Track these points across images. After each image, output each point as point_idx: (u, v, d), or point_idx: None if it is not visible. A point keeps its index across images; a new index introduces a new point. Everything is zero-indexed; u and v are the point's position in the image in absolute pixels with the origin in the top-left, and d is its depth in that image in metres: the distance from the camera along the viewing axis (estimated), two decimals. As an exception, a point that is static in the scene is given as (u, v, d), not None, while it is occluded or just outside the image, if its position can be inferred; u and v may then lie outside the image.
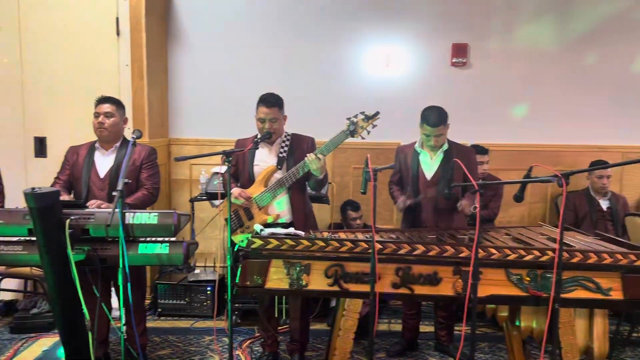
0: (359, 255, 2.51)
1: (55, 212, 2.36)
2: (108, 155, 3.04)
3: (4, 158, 3.13)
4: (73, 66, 3.83)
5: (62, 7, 3.80)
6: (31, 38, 3.81)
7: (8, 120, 3.82)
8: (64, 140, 3.62)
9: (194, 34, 4.36)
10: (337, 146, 2.93)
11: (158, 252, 2.59)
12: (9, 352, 3.29)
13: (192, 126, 4.45)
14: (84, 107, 3.65)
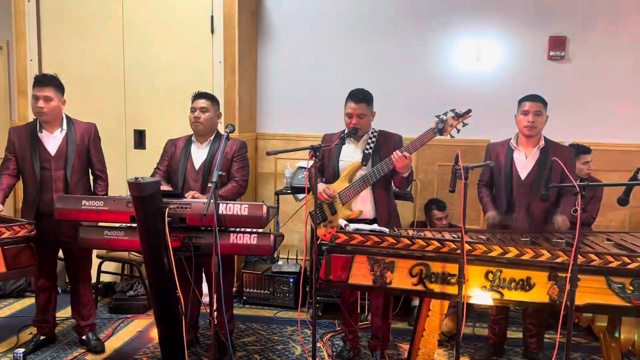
0: (446, 255, 2.45)
1: (155, 201, 2.51)
2: (203, 148, 3.18)
3: (108, 149, 3.36)
4: (170, 63, 4.04)
5: (162, 7, 4.01)
6: (133, 37, 4.07)
7: (111, 114, 4.10)
8: (162, 132, 3.85)
9: (282, 30, 4.45)
10: (424, 144, 2.88)
11: (247, 243, 2.68)
12: (107, 330, 3.55)
13: (279, 121, 4.56)
14: (180, 102, 3.85)
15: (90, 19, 4.08)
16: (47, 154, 3.07)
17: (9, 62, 4.59)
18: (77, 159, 3.13)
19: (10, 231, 2.67)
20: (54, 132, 3.10)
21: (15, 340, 3.34)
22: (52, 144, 3.08)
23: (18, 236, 2.71)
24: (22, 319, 3.60)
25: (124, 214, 2.66)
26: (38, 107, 3.00)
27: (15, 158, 3.09)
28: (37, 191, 3.06)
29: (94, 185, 3.28)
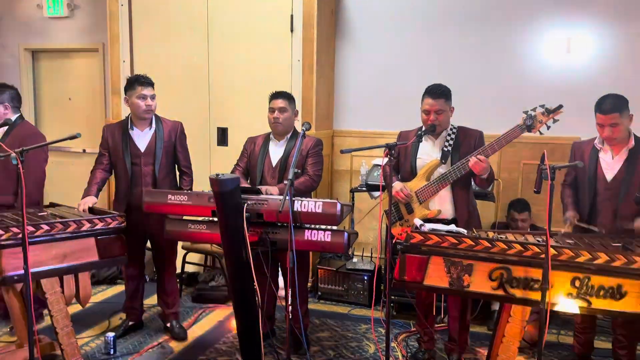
0: (529, 259, 2.34)
1: (235, 197, 2.60)
2: (280, 146, 3.25)
3: (193, 146, 3.51)
4: (251, 62, 4.15)
5: (244, 9, 4.13)
6: (217, 38, 4.22)
7: (196, 112, 4.28)
8: (243, 130, 3.97)
9: (360, 27, 4.43)
10: (510, 141, 2.75)
11: (321, 240, 2.70)
12: (190, 318, 3.73)
13: (356, 118, 4.55)
14: (260, 100, 3.94)
15: (177, 22, 4.29)
16: (137, 151, 3.26)
17: (105, 63, 4.93)
18: (165, 156, 3.31)
19: (103, 222, 2.87)
20: (144, 129, 3.29)
21: (107, 324, 3.59)
22: (142, 141, 3.28)
23: (110, 227, 2.90)
24: (113, 304, 3.86)
25: (206, 208, 2.77)
26: (147, 105, 3.20)
27: (109, 154, 3.31)
28: (127, 185, 3.27)
29: (179, 180, 3.44)
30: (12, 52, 5.26)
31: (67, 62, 5.23)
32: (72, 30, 5.06)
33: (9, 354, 2.86)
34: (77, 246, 2.77)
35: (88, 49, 5.05)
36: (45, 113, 5.35)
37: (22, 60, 5.23)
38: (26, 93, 5.14)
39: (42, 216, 2.88)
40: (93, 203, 3.11)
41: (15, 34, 5.24)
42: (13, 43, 5.24)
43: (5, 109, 3.35)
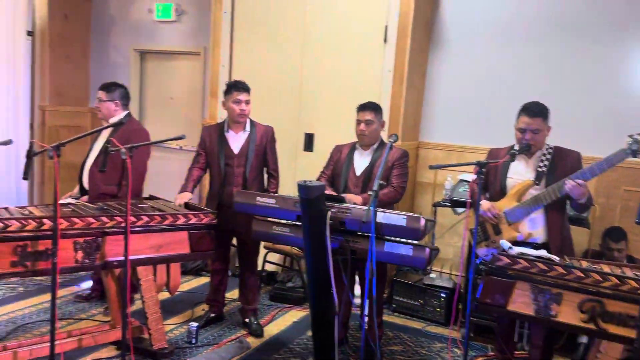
0: (626, 294, 2.19)
1: (320, 204, 2.66)
2: (365, 156, 3.28)
3: (280, 150, 3.63)
4: (342, 71, 4.22)
5: (340, 19, 4.21)
6: (311, 45, 4.33)
7: (286, 117, 4.41)
8: (329, 137, 4.04)
9: (455, 39, 4.36)
10: (612, 166, 2.59)
11: (402, 253, 2.69)
12: (267, 316, 3.85)
13: (443, 131, 4.47)
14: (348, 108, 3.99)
15: (275, 30, 4.45)
16: (231, 152, 3.43)
17: (205, 67, 5.21)
18: (256, 158, 3.45)
19: (196, 218, 3.05)
20: (239, 132, 3.45)
21: (190, 314, 3.79)
22: (236, 143, 3.44)
23: (202, 223, 3.07)
24: (197, 295, 4.07)
25: (291, 212, 2.85)
26: (240, 110, 3.36)
27: (205, 153, 3.50)
28: (220, 184, 3.44)
29: (267, 183, 3.57)
30: (124, 53, 5.71)
31: (171, 64, 5.60)
32: (178, 34, 5.40)
33: (103, 333, 3.10)
34: (172, 238, 2.96)
35: (191, 52, 5.37)
36: (149, 110, 5.75)
37: (132, 61, 5.66)
38: (133, 91, 5.54)
39: (142, 208, 3.10)
40: (188, 198, 3.30)
41: (127, 36, 5.68)
42: (125, 44, 5.69)
43: (116, 106, 3.64)
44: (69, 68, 5.66)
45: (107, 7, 5.75)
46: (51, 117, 5.54)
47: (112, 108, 3.64)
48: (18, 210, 2.83)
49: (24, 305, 3.70)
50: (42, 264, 2.57)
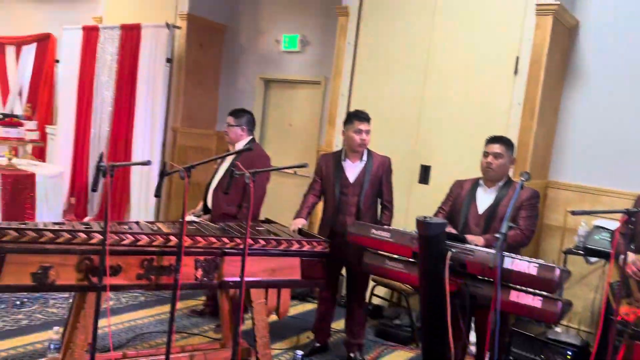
0: None
1: (439, 242, 2.51)
2: (490, 193, 3.07)
3: (394, 181, 3.54)
4: (466, 102, 4.04)
5: (466, 49, 4.06)
6: (434, 75, 4.22)
7: (402, 147, 4.31)
8: (447, 170, 3.87)
9: (595, 71, 4.00)
10: None
11: (530, 304, 2.43)
12: (373, 353, 3.71)
13: (576, 171, 4.10)
14: (469, 141, 3.82)
15: (397, 60, 4.40)
16: (347, 181, 3.40)
17: (325, 96, 5.30)
18: (370, 188, 3.39)
19: (309, 245, 3.03)
20: (356, 162, 3.42)
21: (296, 340, 3.77)
22: (352, 172, 3.41)
23: (315, 251, 3.05)
24: (302, 321, 4.05)
25: (407, 248, 2.73)
26: (361, 139, 3.34)
27: (321, 181, 3.51)
28: (334, 212, 3.42)
29: (380, 214, 3.48)
30: (250, 80, 6.01)
31: (293, 92, 5.78)
32: (301, 64, 5.58)
33: (214, 351, 3.17)
34: (285, 263, 2.97)
35: (312, 81, 5.50)
36: (269, 135, 5.97)
37: (257, 88, 5.93)
38: (257, 117, 5.77)
39: (260, 231, 3.16)
40: (303, 225, 3.32)
41: (254, 65, 5.98)
42: (252, 73, 5.99)
43: (242, 131, 3.80)
44: (200, 93, 6.07)
45: (238, 38, 6.11)
46: (181, 138, 5.95)
47: (238, 133, 3.80)
48: (147, 225, 3.01)
49: (143, 315, 3.92)
50: (165, 279, 2.69)
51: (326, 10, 5.26)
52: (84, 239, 2.49)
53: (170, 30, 5.60)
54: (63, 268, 2.45)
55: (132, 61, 5.87)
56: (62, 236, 2.45)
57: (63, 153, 6.59)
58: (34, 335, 3.32)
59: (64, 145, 6.59)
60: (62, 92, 6.82)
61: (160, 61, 5.66)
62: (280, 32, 5.67)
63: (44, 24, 8.33)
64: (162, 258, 2.67)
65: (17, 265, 2.37)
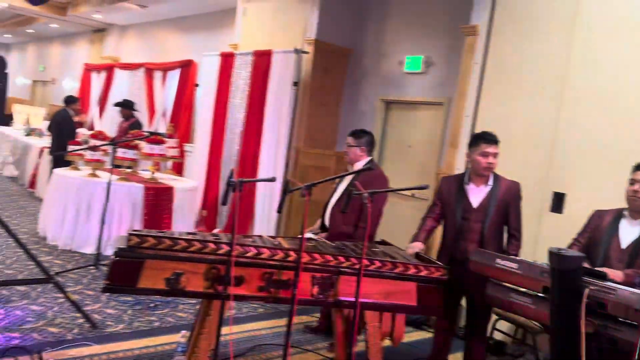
0: None
1: (575, 278, 2.28)
2: (635, 225, 2.75)
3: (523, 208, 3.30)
4: (611, 124, 3.68)
5: (612, 62, 3.71)
6: (572, 94, 3.90)
7: (532, 173, 4.03)
8: (584, 199, 3.55)
9: None
10: None
11: (685, 357, 2.11)
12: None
13: None
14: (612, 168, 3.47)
15: (530, 79, 4.16)
16: (469, 206, 3.25)
17: (447, 117, 5.17)
18: (496, 215, 3.20)
19: (427, 271, 2.94)
20: (480, 186, 3.26)
21: (411, 369, 3.65)
22: (475, 197, 3.25)
23: (432, 277, 2.95)
24: (418, 350, 3.91)
25: (536, 282, 2.51)
26: (488, 163, 3.20)
27: (441, 204, 3.39)
28: (454, 238, 3.28)
29: (507, 243, 3.27)
30: (371, 102, 6.06)
31: (413, 113, 5.71)
32: (424, 85, 5.50)
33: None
34: (400, 287, 2.90)
35: (434, 103, 5.40)
36: (387, 156, 5.95)
37: (378, 110, 5.96)
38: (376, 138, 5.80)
39: (375, 252, 3.13)
40: (420, 249, 3.22)
41: (376, 87, 6.02)
42: (373, 94, 6.04)
43: (361, 152, 3.82)
44: (323, 115, 6.25)
45: (362, 61, 6.21)
46: (303, 158, 6.15)
47: (357, 153, 3.83)
48: (270, 240, 3.13)
49: (262, 326, 4.06)
50: (283, 293, 2.76)
51: (452, 30, 5.16)
52: (213, 249, 2.65)
53: (298, 55, 5.86)
54: (193, 275, 2.62)
55: (262, 85, 6.23)
56: (194, 245, 2.63)
57: (198, 169, 7.16)
58: (164, 337, 3.58)
59: (199, 162, 7.15)
60: (200, 113, 7.44)
61: (287, 84, 5.94)
62: (403, 53, 5.66)
63: (187, 51, 9.21)
64: (281, 272, 2.75)
65: (153, 270, 2.59)
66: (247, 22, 7.07)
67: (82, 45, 13.82)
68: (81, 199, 5.28)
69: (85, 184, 5.33)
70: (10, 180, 9.13)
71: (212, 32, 8.93)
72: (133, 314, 3.92)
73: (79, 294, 4.13)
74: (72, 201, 5.30)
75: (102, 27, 12.23)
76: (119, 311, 3.93)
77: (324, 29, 6.04)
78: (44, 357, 2.99)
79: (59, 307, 3.82)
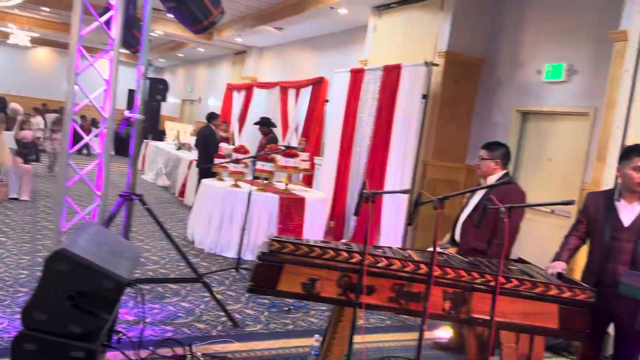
0: None
1: None
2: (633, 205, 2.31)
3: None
4: None
5: None
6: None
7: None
8: None
9: None
10: None
11: None
12: None
13: None
14: None
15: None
16: (620, 224, 2.97)
17: (593, 128, 4.78)
18: (655, 234, 2.90)
19: (571, 292, 2.75)
20: (633, 203, 2.97)
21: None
22: (627, 215, 2.97)
23: (577, 299, 2.75)
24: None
25: None
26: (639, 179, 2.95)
27: (587, 222, 3.15)
28: (602, 259, 3.02)
29: (664, 267, 2.94)
30: (506, 113, 5.82)
31: (553, 124, 5.37)
32: (566, 94, 5.16)
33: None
34: (539, 308, 2.75)
35: (577, 113, 5.03)
36: (523, 170, 5.65)
37: (513, 121, 5.70)
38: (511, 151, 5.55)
39: (512, 270, 3.00)
40: (562, 269, 3.02)
41: (510, 97, 5.77)
42: (508, 105, 5.79)
43: (495, 165, 3.70)
44: (452, 127, 6.13)
45: (496, 70, 6.00)
46: (431, 171, 6.09)
47: (491, 166, 3.71)
48: (399, 251, 3.15)
49: (389, 338, 4.08)
50: (414, 305, 2.76)
51: (596, 36, 4.80)
52: (345, 257, 2.75)
53: (428, 67, 5.84)
54: (327, 282, 2.74)
55: (390, 98, 6.31)
56: (328, 253, 2.76)
57: (326, 181, 7.42)
58: (298, 340, 3.76)
59: (327, 174, 7.41)
60: (329, 127, 7.71)
61: (416, 98, 5.94)
62: (542, 61, 5.37)
63: (318, 69, 9.63)
64: (412, 284, 2.76)
65: (291, 274, 2.75)
66: (377, 37, 7.22)
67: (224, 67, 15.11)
68: (225, 207, 5.76)
69: (228, 193, 5.81)
70: (163, 189, 10.22)
71: (342, 50, 9.24)
72: (269, 315, 4.18)
73: (222, 295, 4.50)
74: (217, 209, 5.80)
75: (243, 49, 13.27)
76: (257, 312, 4.21)
77: (456, 40, 5.96)
78: (193, 349, 3.32)
79: (205, 305, 4.20)
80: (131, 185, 3.63)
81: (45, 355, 2.45)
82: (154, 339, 3.42)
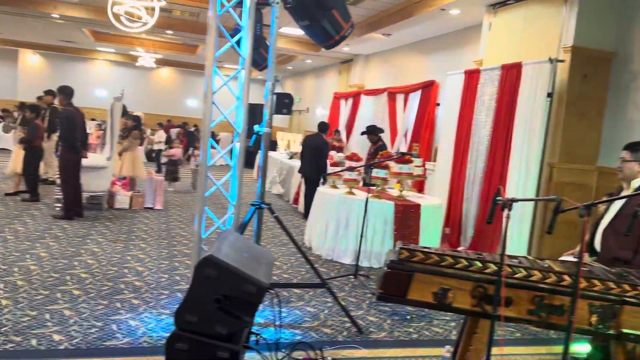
0: None
1: None
2: None
3: None
4: None
5: None
6: None
7: None
8: None
9: None
10: None
11: None
12: None
13: None
14: None
15: None
16: None
17: None
18: None
19: None
20: None
21: None
22: None
23: None
24: None
25: None
26: None
27: None
28: None
29: None
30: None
31: None
32: None
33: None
34: None
35: None
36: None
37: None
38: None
39: (669, 283, 2.72)
40: None
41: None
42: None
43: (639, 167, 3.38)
44: (581, 126, 5.70)
45: (629, 64, 5.50)
46: (558, 174, 5.70)
47: (635, 169, 3.40)
48: (537, 261, 2.99)
49: (521, 352, 3.87)
50: (555, 319, 2.60)
51: None
52: (479, 267, 2.67)
53: (553, 64, 5.50)
54: (459, 292, 2.67)
55: (510, 99, 6.02)
56: (461, 262, 2.69)
57: (440, 187, 7.25)
58: (423, 349, 3.71)
59: (441, 180, 7.24)
60: (442, 132, 7.54)
61: (539, 96, 5.62)
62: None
63: (428, 72, 9.48)
64: (553, 297, 2.61)
65: (422, 283, 2.72)
66: (492, 36, 6.94)
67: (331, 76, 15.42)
68: (340, 214, 5.86)
69: (344, 200, 5.90)
70: (277, 197, 10.63)
71: (452, 51, 9.01)
72: (392, 323, 4.16)
73: (344, 301, 4.57)
74: (332, 216, 5.92)
75: (349, 58, 13.45)
76: (380, 319, 4.22)
77: (583, 34, 5.55)
78: (324, 354, 3.40)
79: (328, 310, 4.29)
80: (261, 195, 3.82)
81: (195, 354, 2.65)
82: (286, 342, 3.56)
